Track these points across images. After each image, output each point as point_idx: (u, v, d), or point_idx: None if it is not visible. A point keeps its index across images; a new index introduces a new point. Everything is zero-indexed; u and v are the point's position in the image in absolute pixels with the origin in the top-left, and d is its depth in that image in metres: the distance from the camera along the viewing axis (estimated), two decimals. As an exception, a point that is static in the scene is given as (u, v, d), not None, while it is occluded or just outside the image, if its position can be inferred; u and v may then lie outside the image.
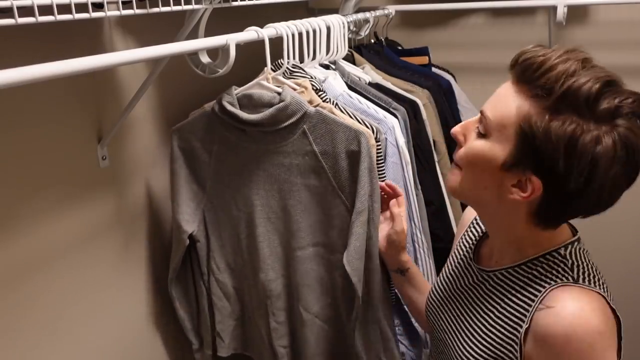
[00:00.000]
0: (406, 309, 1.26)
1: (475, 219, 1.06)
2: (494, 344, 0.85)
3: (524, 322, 0.81)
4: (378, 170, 1.15)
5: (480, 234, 1.02)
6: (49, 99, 1.03)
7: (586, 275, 0.82)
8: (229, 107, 1.14)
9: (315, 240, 1.19)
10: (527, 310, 0.82)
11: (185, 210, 1.24)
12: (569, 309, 0.77)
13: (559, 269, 0.83)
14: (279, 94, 1.11)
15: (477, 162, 0.83)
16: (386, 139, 1.22)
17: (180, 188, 1.24)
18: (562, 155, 0.73)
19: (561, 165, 0.74)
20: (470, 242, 1.02)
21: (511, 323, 0.84)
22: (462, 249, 1.04)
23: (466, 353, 0.89)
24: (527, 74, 0.77)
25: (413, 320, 1.28)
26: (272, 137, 1.14)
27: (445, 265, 1.07)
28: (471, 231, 1.05)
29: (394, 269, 1.17)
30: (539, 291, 0.82)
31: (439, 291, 1.03)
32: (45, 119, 1.03)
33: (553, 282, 0.81)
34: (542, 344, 0.78)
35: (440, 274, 1.07)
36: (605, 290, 0.81)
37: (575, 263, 0.84)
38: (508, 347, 0.83)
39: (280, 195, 1.18)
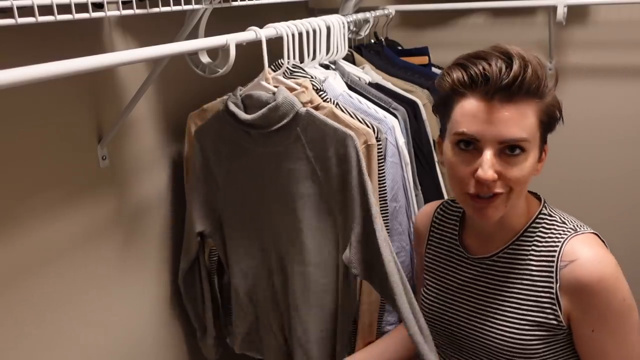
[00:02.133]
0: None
1: (436, 218, 1.08)
2: (534, 313, 0.91)
3: (553, 281, 0.90)
4: (378, 171, 1.15)
5: (455, 230, 1.04)
6: (49, 99, 1.03)
7: (576, 223, 0.94)
8: (232, 108, 1.12)
9: (308, 258, 1.14)
10: (551, 271, 0.90)
11: (198, 208, 1.25)
12: (590, 256, 0.88)
13: (556, 226, 0.93)
14: (274, 94, 1.10)
15: (529, 174, 0.88)
16: (386, 138, 1.22)
17: (196, 188, 1.24)
18: (559, 112, 0.90)
19: (559, 118, 0.90)
20: (449, 240, 1.05)
21: (542, 288, 0.91)
22: (440, 250, 1.06)
23: (510, 335, 0.92)
24: (525, 86, 0.83)
25: None
26: (271, 139, 1.11)
27: (427, 274, 1.08)
28: (439, 231, 1.07)
29: None
30: (554, 250, 0.91)
31: (437, 298, 1.04)
32: (45, 119, 1.03)
33: (560, 238, 0.91)
34: (580, 295, 0.87)
35: (426, 285, 1.08)
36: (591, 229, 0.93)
37: (561, 217, 0.95)
38: (547, 310, 0.90)
39: (282, 202, 1.15)
